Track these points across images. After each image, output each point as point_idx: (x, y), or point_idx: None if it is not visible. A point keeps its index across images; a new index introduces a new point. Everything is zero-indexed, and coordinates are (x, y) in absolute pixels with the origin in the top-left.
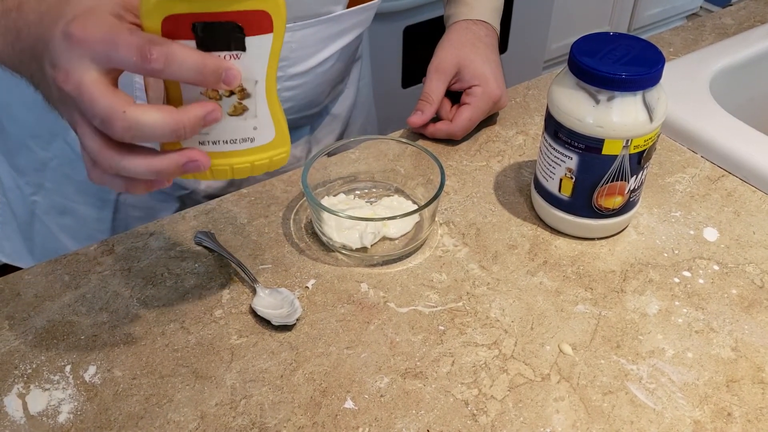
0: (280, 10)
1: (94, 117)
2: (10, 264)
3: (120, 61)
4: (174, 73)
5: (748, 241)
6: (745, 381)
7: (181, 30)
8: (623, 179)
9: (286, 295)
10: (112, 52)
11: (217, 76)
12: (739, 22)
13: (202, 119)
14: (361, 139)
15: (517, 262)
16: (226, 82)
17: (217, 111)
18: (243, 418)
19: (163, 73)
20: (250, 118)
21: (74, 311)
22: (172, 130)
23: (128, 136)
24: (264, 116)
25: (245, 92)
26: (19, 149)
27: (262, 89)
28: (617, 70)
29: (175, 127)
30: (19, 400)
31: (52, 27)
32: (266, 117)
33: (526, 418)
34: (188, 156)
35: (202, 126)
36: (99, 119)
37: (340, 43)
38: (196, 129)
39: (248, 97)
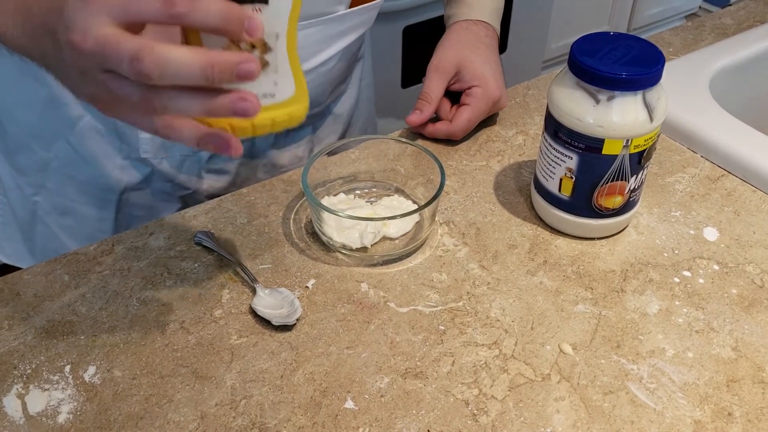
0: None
1: (121, 60)
2: (11, 264)
3: (141, 10)
4: (198, 18)
5: (748, 241)
6: (746, 381)
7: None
8: (623, 179)
9: (286, 295)
10: (131, 2)
11: (240, 23)
12: (738, 22)
13: (234, 65)
14: (361, 138)
15: (517, 261)
16: (249, 32)
17: (253, 63)
18: (243, 419)
19: (186, 18)
20: (271, 72)
21: (74, 311)
22: (201, 68)
23: (157, 73)
24: (285, 71)
25: (266, 46)
26: (20, 149)
27: (283, 43)
28: (617, 69)
29: (204, 65)
30: (19, 401)
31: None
32: (287, 72)
33: (527, 418)
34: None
35: (233, 75)
36: (127, 59)
37: (343, 42)
38: (226, 75)
39: (269, 51)
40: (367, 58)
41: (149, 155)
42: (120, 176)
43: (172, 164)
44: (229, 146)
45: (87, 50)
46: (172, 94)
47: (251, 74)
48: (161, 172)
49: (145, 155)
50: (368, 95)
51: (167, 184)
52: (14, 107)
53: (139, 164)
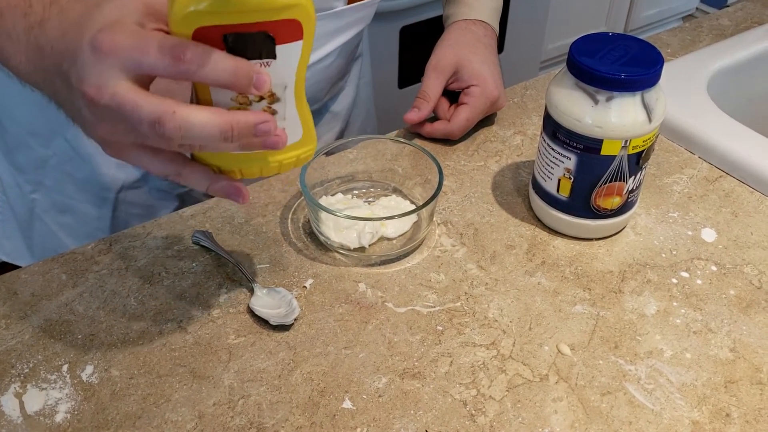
0: (310, 17)
1: (141, 122)
2: (10, 263)
3: (152, 64)
4: (207, 74)
5: (746, 242)
6: (744, 381)
7: (212, 41)
8: (621, 180)
9: (284, 294)
10: (144, 57)
11: (248, 80)
12: (736, 24)
13: (253, 126)
14: (359, 138)
15: (515, 262)
16: (257, 87)
17: (271, 122)
18: (241, 418)
19: (196, 75)
20: (279, 120)
21: (71, 310)
22: (221, 131)
23: (178, 136)
24: (292, 118)
25: (274, 97)
26: (18, 147)
27: (291, 93)
28: (616, 70)
29: (224, 128)
30: (16, 400)
31: (77, 41)
32: (294, 119)
33: (525, 419)
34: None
35: (252, 134)
36: (147, 122)
37: (341, 39)
38: (245, 135)
39: (277, 101)
40: (365, 56)
41: None
42: (117, 174)
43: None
44: (239, 194)
45: (102, 104)
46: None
47: (268, 134)
48: None
49: None
50: (367, 94)
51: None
52: (13, 105)
53: None
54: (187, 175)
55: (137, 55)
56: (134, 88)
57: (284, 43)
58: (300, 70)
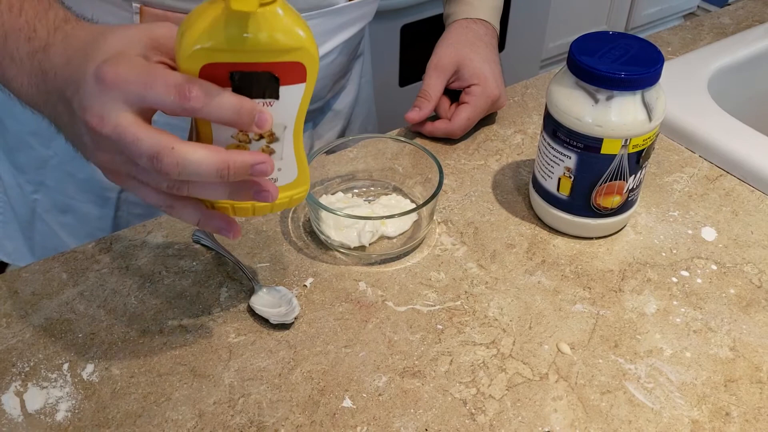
0: (314, 62)
1: (140, 156)
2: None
3: (156, 100)
4: (212, 112)
5: (746, 241)
6: (743, 380)
7: (219, 77)
8: (622, 178)
9: (284, 293)
10: (148, 92)
11: (251, 118)
12: (737, 22)
13: (249, 167)
14: (360, 137)
15: (516, 261)
16: (259, 125)
17: (267, 163)
18: (241, 417)
19: (200, 112)
20: (275, 160)
21: (72, 309)
22: (217, 169)
23: (175, 172)
24: (289, 158)
25: (273, 136)
26: (19, 147)
27: (290, 134)
28: (616, 69)
29: (220, 167)
30: (17, 398)
31: (81, 69)
32: (291, 159)
33: (525, 418)
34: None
35: (248, 174)
36: (146, 157)
37: (342, 36)
38: (241, 174)
39: (276, 141)
40: (366, 55)
41: None
42: None
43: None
44: (230, 229)
45: (104, 135)
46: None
47: (265, 174)
48: None
49: None
50: (368, 92)
51: None
52: (14, 105)
53: None
54: (179, 208)
55: (142, 90)
56: (136, 121)
57: (288, 85)
58: (300, 112)
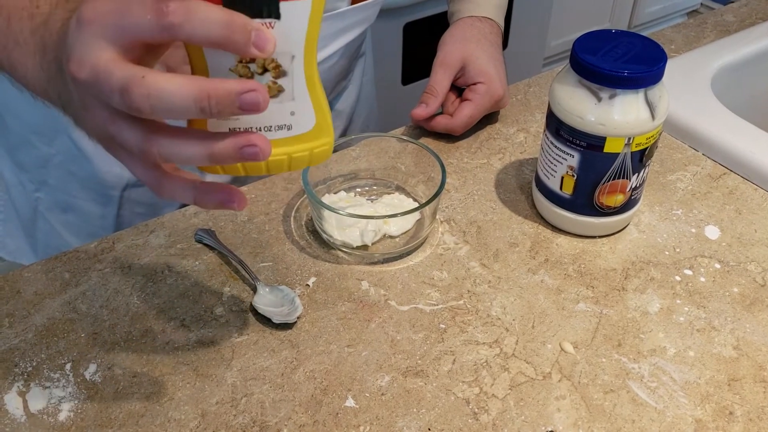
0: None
1: (112, 92)
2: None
3: (134, 26)
4: (196, 29)
5: (749, 240)
6: (747, 380)
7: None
8: (625, 177)
9: (287, 293)
10: (124, 19)
11: (245, 34)
12: (740, 19)
13: (234, 96)
14: (362, 136)
15: (518, 260)
16: (258, 45)
17: (259, 92)
18: (244, 417)
19: (183, 30)
20: (286, 100)
21: (74, 309)
22: (195, 99)
23: (147, 106)
24: (303, 99)
25: (280, 69)
26: (22, 145)
27: (300, 66)
28: (619, 67)
29: (198, 95)
30: (20, 398)
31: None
32: (305, 100)
33: (528, 417)
34: (248, 139)
35: (236, 107)
36: (117, 93)
37: (344, 39)
38: (226, 107)
39: (284, 75)
40: (368, 54)
41: None
42: (121, 172)
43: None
44: (232, 200)
45: (82, 80)
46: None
47: (256, 106)
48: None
49: None
50: (370, 91)
51: None
52: (16, 103)
53: None
54: (167, 185)
55: (118, 19)
56: (114, 58)
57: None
58: (310, 39)
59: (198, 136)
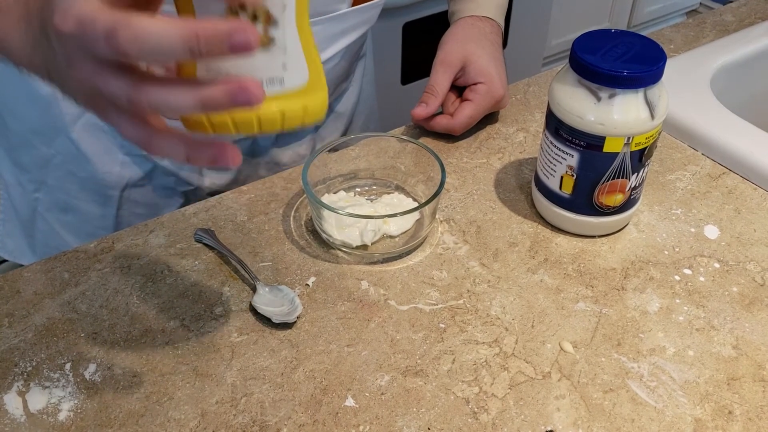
0: None
1: (97, 39)
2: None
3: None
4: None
5: (749, 239)
6: (746, 379)
7: None
8: (624, 177)
9: (287, 292)
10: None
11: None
12: (739, 19)
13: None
14: (362, 136)
15: (518, 259)
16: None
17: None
18: (244, 416)
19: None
20: (277, 52)
21: (74, 309)
22: (183, 40)
23: (134, 48)
24: (295, 51)
25: (271, 18)
26: (21, 146)
27: (291, 17)
28: (619, 67)
29: (186, 36)
30: (19, 398)
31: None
32: (298, 52)
33: (527, 416)
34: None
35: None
36: (102, 36)
37: (345, 41)
38: (215, 47)
39: (275, 25)
40: (369, 54)
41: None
42: (121, 172)
43: (174, 161)
44: (225, 155)
45: (67, 32)
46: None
47: (247, 45)
48: (163, 168)
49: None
50: (370, 91)
51: (169, 179)
52: (16, 103)
53: (140, 160)
54: (158, 142)
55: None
56: (100, 5)
57: None
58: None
59: (188, 83)
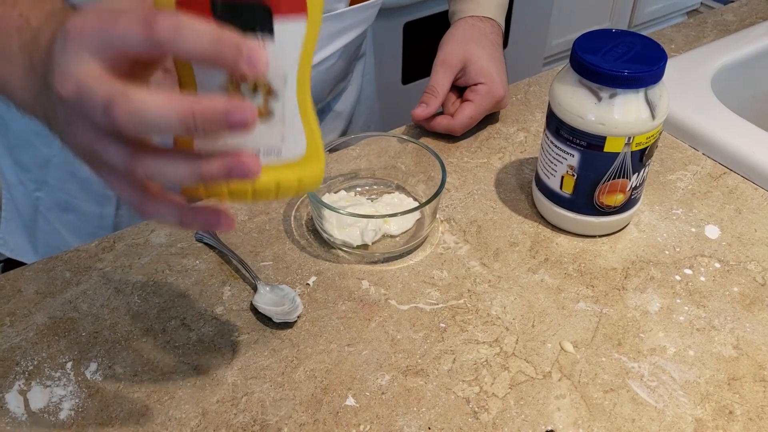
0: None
1: (95, 109)
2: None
3: (121, 39)
4: (185, 44)
5: (749, 239)
6: (747, 379)
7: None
8: (625, 177)
9: (287, 292)
10: (112, 31)
11: (237, 51)
12: (740, 19)
13: (221, 114)
14: (362, 135)
15: (519, 259)
16: (250, 63)
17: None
18: (244, 415)
19: (171, 45)
20: (276, 124)
21: (75, 308)
22: (180, 117)
23: (131, 124)
24: (294, 123)
25: (272, 91)
26: (22, 145)
27: (292, 90)
28: (619, 67)
29: (182, 113)
30: (21, 397)
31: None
32: (296, 124)
33: (528, 416)
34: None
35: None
36: (101, 107)
37: (343, 40)
38: (212, 124)
39: (275, 98)
40: (369, 54)
41: None
42: None
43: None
44: (218, 221)
45: (67, 97)
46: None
47: (245, 124)
48: None
49: None
50: (370, 91)
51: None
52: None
53: None
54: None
55: (104, 32)
56: (100, 73)
57: (284, 19)
58: (304, 60)
59: (186, 156)
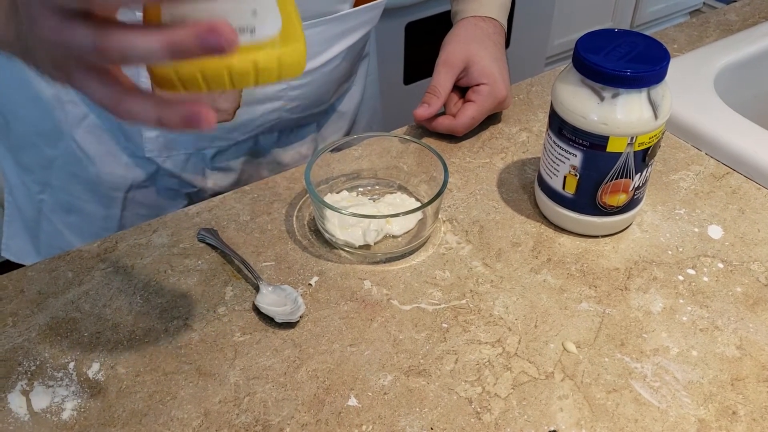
0: None
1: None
2: (16, 262)
3: None
4: None
5: (753, 239)
6: (750, 379)
7: None
8: (627, 177)
9: (290, 292)
10: None
11: None
12: (743, 19)
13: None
14: (364, 136)
15: (521, 259)
16: None
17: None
18: (246, 416)
19: None
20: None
21: (77, 308)
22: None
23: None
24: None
25: None
26: (25, 147)
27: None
28: (622, 67)
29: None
30: (23, 397)
31: None
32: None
33: (530, 416)
34: (210, 26)
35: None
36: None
37: (347, 42)
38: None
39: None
40: (372, 54)
41: (153, 154)
42: (125, 174)
43: (177, 162)
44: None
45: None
46: (126, 33)
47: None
48: (166, 170)
49: (149, 154)
50: (373, 91)
51: (173, 181)
52: (20, 105)
53: (144, 162)
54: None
55: None
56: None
57: None
58: None
59: (155, 28)
